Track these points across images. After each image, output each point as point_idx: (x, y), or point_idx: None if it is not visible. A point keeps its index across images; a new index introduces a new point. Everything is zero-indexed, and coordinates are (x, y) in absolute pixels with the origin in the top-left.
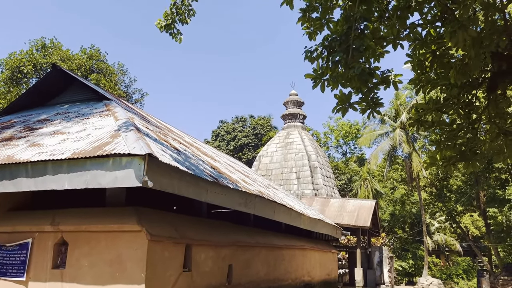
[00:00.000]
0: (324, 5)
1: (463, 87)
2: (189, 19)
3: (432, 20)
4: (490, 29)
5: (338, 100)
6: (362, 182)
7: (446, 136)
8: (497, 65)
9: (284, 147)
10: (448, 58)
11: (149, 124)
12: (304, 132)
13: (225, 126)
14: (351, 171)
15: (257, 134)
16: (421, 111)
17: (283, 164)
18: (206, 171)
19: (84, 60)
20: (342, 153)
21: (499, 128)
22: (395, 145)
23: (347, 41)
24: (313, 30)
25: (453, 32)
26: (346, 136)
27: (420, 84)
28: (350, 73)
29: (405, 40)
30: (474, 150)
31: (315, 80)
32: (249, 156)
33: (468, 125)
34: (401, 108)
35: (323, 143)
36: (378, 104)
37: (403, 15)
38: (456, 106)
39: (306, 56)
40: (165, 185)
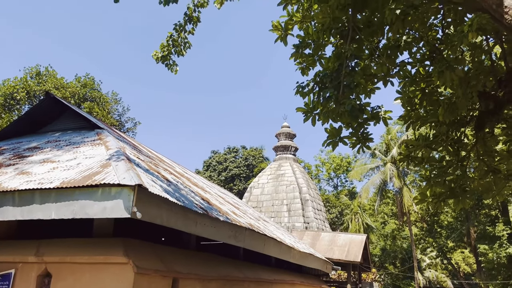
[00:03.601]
0: (317, 42)
1: (452, 125)
2: (185, 51)
3: (421, 59)
4: (477, 70)
5: (328, 134)
6: (353, 215)
7: (436, 172)
8: (484, 104)
9: (275, 179)
10: (437, 96)
11: (140, 153)
12: (296, 164)
13: (217, 156)
14: (342, 205)
15: (249, 165)
16: (411, 147)
17: (274, 196)
18: (196, 202)
19: (78, 88)
20: (333, 186)
21: (487, 166)
22: (386, 179)
23: (338, 77)
24: (305, 65)
25: (441, 72)
26: (337, 169)
27: (410, 121)
28: (341, 109)
29: (395, 78)
30: (463, 187)
31: (306, 114)
32: (240, 187)
33: (457, 162)
34: (392, 143)
35: (315, 175)
36: (368, 139)
37: (393, 54)
38: (445, 143)
39: (297, 91)
40: (154, 217)
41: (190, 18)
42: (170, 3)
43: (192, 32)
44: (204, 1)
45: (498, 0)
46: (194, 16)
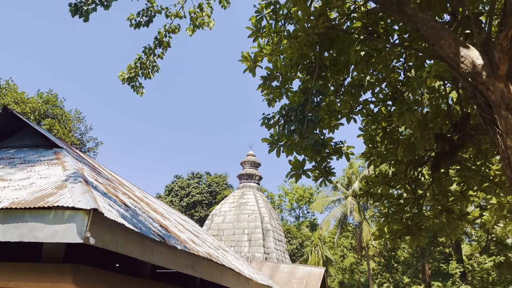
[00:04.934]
0: (284, 75)
1: (410, 164)
2: (152, 75)
3: (383, 99)
4: (435, 113)
5: (292, 166)
6: (313, 247)
7: (394, 209)
8: (440, 146)
9: (238, 207)
10: (397, 135)
11: (99, 176)
12: (259, 193)
13: (180, 181)
14: (303, 236)
15: (212, 192)
16: (371, 183)
17: (236, 224)
18: (154, 229)
19: (39, 104)
20: (295, 216)
21: (442, 205)
22: (346, 213)
23: (303, 112)
24: (272, 97)
25: (401, 113)
26: (300, 200)
27: (371, 158)
28: (304, 142)
29: (358, 115)
30: (419, 225)
31: (271, 145)
32: (202, 214)
33: (414, 200)
34: (354, 177)
35: (277, 205)
36: (330, 173)
37: (356, 92)
38: (403, 182)
39: (263, 122)
40: (108, 243)
41: (161, 43)
42: (141, 26)
43: (162, 56)
44: (175, 27)
45: (455, 50)
46: (164, 41)
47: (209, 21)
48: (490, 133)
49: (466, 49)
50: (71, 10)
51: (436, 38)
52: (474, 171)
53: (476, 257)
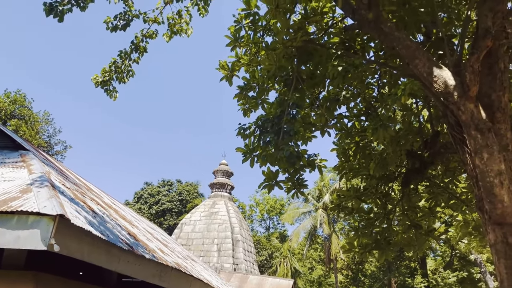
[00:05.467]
0: (261, 86)
1: (381, 179)
2: (127, 79)
3: (357, 114)
4: (407, 130)
5: (265, 177)
6: (282, 259)
7: (364, 223)
8: (411, 162)
9: (208, 217)
10: (369, 150)
11: (67, 180)
12: (231, 203)
13: (150, 188)
14: (273, 247)
15: (182, 200)
16: (342, 197)
17: (206, 234)
18: (122, 237)
19: (6, 104)
20: (265, 227)
21: (410, 221)
22: (316, 225)
23: (279, 123)
24: (248, 107)
25: (375, 129)
26: (271, 211)
27: (344, 172)
28: (279, 154)
29: (333, 129)
30: (388, 239)
31: (246, 155)
32: (171, 223)
33: (384, 215)
34: (325, 190)
35: (248, 215)
36: (302, 185)
37: (332, 106)
38: (374, 196)
39: (239, 132)
40: (73, 251)
41: (137, 47)
42: (118, 30)
43: (137, 61)
44: (153, 32)
45: (429, 70)
46: (141, 46)
47: (187, 28)
48: (459, 152)
49: (439, 69)
50: (45, 9)
51: (411, 57)
52: (442, 188)
53: (440, 272)
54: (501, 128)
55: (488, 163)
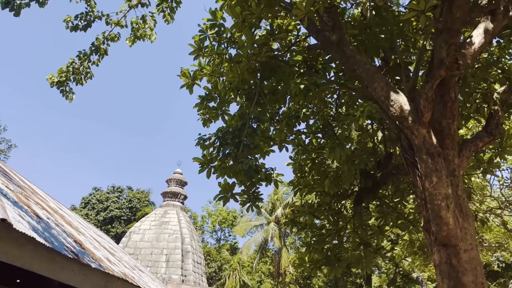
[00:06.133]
0: (223, 97)
1: (335, 196)
2: (85, 81)
3: (315, 131)
4: (362, 150)
5: (221, 189)
6: (231, 271)
7: (316, 239)
8: (364, 181)
9: (159, 226)
10: (325, 167)
11: (10, 182)
12: (183, 213)
13: (99, 194)
14: (223, 259)
15: (132, 208)
16: (297, 212)
17: (155, 244)
18: (68, 245)
19: None
20: (216, 239)
21: (360, 239)
22: (267, 238)
23: (239, 136)
24: (208, 117)
25: (332, 148)
26: (223, 223)
27: (299, 187)
28: (239, 167)
29: (290, 144)
30: (338, 256)
31: (203, 165)
32: (119, 230)
33: (336, 232)
34: (278, 203)
35: (199, 226)
36: (258, 199)
37: (291, 122)
38: (327, 213)
39: (198, 142)
40: (14, 257)
41: (97, 49)
42: (79, 30)
43: (97, 63)
44: (115, 35)
45: (386, 94)
46: (102, 48)
47: (151, 34)
48: (410, 174)
49: (396, 94)
50: (1, 2)
51: (370, 81)
52: (391, 208)
53: None
54: (449, 154)
55: (436, 186)
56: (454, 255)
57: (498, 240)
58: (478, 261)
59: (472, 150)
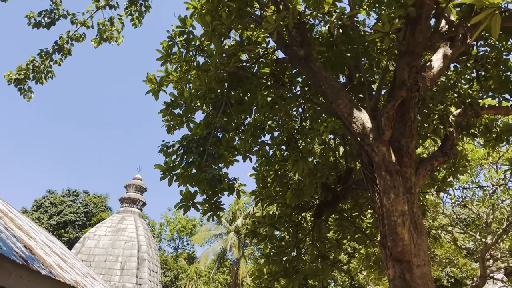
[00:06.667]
0: (188, 105)
1: (296, 208)
2: (45, 80)
3: (279, 143)
4: (324, 164)
5: (182, 197)
6: (188, 281)
7: (275, 251)
8: (325, 195)
9: (115, 233)
10: (287, 179)
11: None
12: (141, 220)
13: (53, 197)
14: (180, 268)
15: (88, 213)
16: (257, 223)
17: (110, 251)
18: (17, 250)
19: None
20: (174, 247)
21: (318, 251)
22: (226, 248)
23: (204, 145)
24: (173, 124)
25: (296, 161)
26: (182, 231)
27: (260, 198)
28: (202, 176)
29: (254, 155)
30: (296, 268)
31: (165, 172)
32: (73, 236)
33: (295, 244)
34: (239, 213)
35: (157, 234)
36: (219, 208)
37: (256, 134)
38: (287, 225)
39: (162, 149)
40: None
41: (61, 48)
42: (41, 27)
43: (59, 63)
44: (80, 35)
45: (350, 111)
46: (65, 48)
47: (118, 37)
48: (369, 190)
49: (359, 112)
50: None
51: (335, 97)
52: (350, 222)
53: None
54: (407, 171)
55: (394, 203)
56: (407, 270)
57: (448, 256)
58: (429, 277)
59: (428, 169)
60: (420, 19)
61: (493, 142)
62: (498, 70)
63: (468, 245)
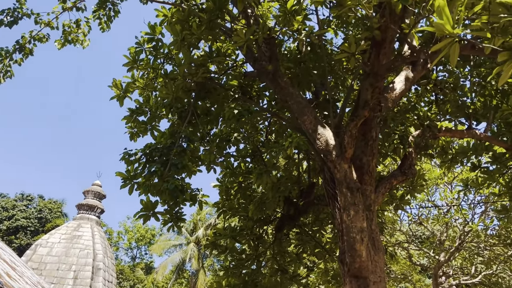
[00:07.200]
0: (154, 113)
1: (258, 221)
2: (3, 80)
3: (244, 155)
4: (287, 178)
5: (143, 206)
6: None
7: (235, 264)
8: (287, 208)
9: (69, 240)
10: (250, 191)
11: None
12: (98, 228)
13: (4, 201)
14: (136, 279)
15: (42, 219)
16: (218, 235)
17: (63, 259)
18: None
19: None
20: (131, 257)
21: (278, 265)
22: (185, 259)
23: (168, 154)
24: (136, 132)
25: (260, 174)
26: (140, 240)
27: (223, 209)
28: (164, 186)
29: (219, 166)
30: (255, 282)
31: (126, 180)
32: (24, 242)
33: (255, 257)
34: (200, 224)
35: (114, 242)
36: (181, 219)
37: (222, 145)
38: (248, 237)
39: (123, 157)
40: None
41: (22, 48)
42: (3, 26)
43: (20, 62)
44: (44, 36)
45: (314, 127)
46: (27, 48)
47: (84, 40)
48: (330, 205)
49: (323, 129)
50: None
51: (300, 113)
52: (310, 236)
53: None
54: (367, 189)
55: (353, 219)
56: (364, 286)
57: (404, 272)
58: None
59: (387, 187)
60: (384, 42)
61: (449, 163)
62: (455, 95)
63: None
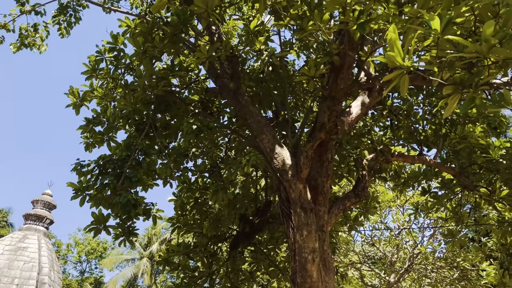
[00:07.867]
0: (111, 123)
1: (212, 238)
2: None
3: (202, 170)
4: (244, 195)
5: (94, 219)
6: None
7: (187, 281)
8: (242, 226)
9: (13, 252)
10: (206, 208)
11: None
12: (45, 239)
13: None
14: None
15: None
16: (171, 251)
17: (5, 272)
18: None
19: None
20: (80, 271)
21: (231, 283)
22: (138, 274)
23: (122, 167)
24: (92, 142)
25: (216, 191)
26: (91, 253)
27: (178, 225)
28: (116, 199)
29: (176, 180)
30: None
31: (77, 192)
32: None
33: (208, 275)
34: (155, 238)
35: (63, 255)
36: (133, 233)
37: (179, 160)
38: (202, 254)
39: (75, 168)
40: None
41: None
42: None
43: None
44: None
45: (272, 146)
46: None
47: (42, 45)
48: (285, 224)
49: (280, 148)
50: None
51: (259, 132)
52: (264, 255)
53: None
54: (321, 210)
55: (306, 240)
56: None
57: None
58: None
59: (340, 208)
60: (343, 68)
61: (401, 186)
62: (408, 122)
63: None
